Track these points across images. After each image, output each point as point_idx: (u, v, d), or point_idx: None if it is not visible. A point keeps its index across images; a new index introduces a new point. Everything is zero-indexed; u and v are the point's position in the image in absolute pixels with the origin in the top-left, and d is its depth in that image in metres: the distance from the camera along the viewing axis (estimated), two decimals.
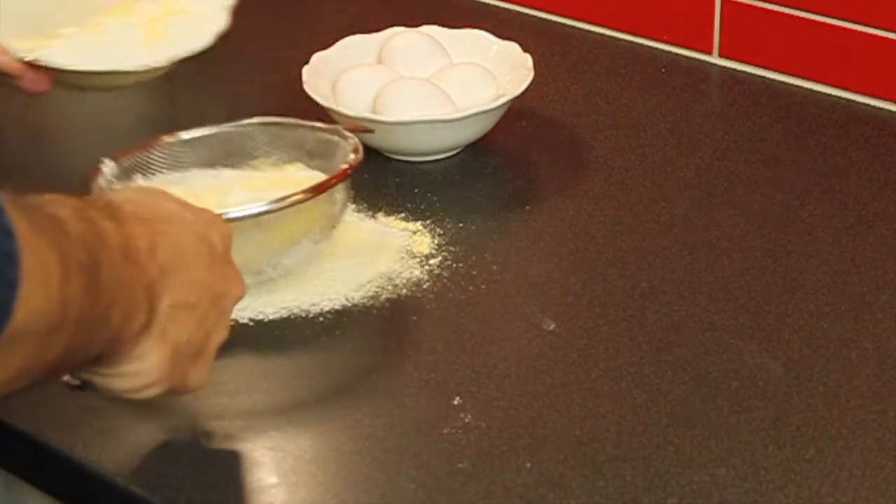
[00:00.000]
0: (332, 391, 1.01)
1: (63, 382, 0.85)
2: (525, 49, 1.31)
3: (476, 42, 1.34)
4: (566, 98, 1.37)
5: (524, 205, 1.21)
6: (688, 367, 1.01)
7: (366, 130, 1.18)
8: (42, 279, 0.72)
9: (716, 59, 1.43)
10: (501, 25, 1.41)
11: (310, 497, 0.92)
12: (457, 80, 1.27)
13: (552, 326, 1.05)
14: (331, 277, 1.09)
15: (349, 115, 1.22)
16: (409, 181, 1.23)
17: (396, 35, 1.33)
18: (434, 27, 1.35)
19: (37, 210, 0.75)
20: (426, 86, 1.26)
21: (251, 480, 0.92)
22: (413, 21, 1.36)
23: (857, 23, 1.33)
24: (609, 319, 1.06)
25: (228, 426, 0.97)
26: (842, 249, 1.14)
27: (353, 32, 1.35)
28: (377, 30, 1.35)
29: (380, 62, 1.32)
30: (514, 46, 1.32)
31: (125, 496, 0.92)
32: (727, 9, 1.40)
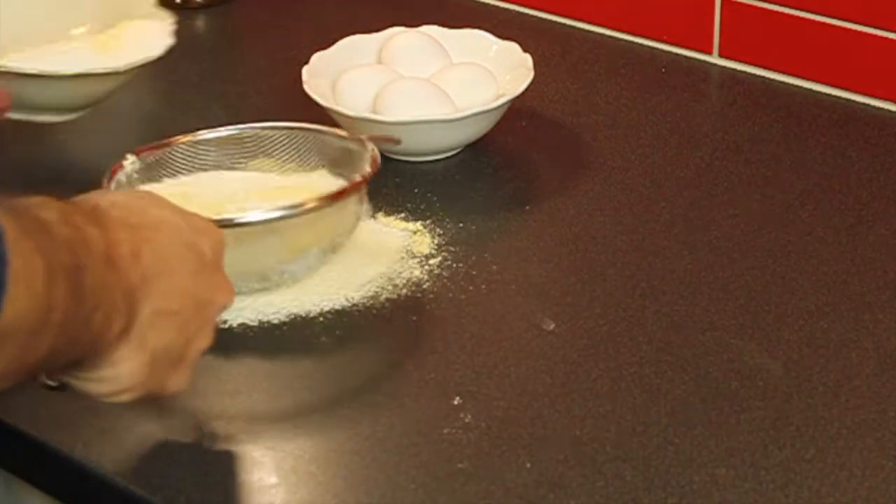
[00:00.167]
0: (332, 391, 1.01)
1: (40, 383, 0.85)
2: (525, 49, 1.31)
3: (476, 42, 1.34)
4: (566, 98, 1.37)
5: (524, 205, 1.21)
6: (688, 367, 1.01)
7: (393, 141, 1.18)
8: (28, 281, 0.72)
9: (716, 59, 1.43)
10: (501, 25, 1.41)
11: (310, 497, 0.92)
12: (457, 80, 1.27)
13: (552, 326, 1.05)
14: (331, 277, 1.09)
15: (349, 115, 1.22)
16: (409, 181, 1.23)
17: (396, 35, 1.33)
18: (434, 27, 1.35)
19: (23, 213, 0.75)
20: (426, 86, 1.26)
21: (251, 480, 0.92)
22: (413, 21, 1.36)
23: (857, 23, 1.33)
24: (609, 319, 1.06)
25: (228, 426, 0.97)
26: (842, 249, 1.14)
27: (353, 32, 1.35)
28: (377, 30, 1.35)
29: (380, 62, 1.32)
30: (514, 46, 1.32)
31: (125, 496, 0.92)
32: (727, 9, 1.40)
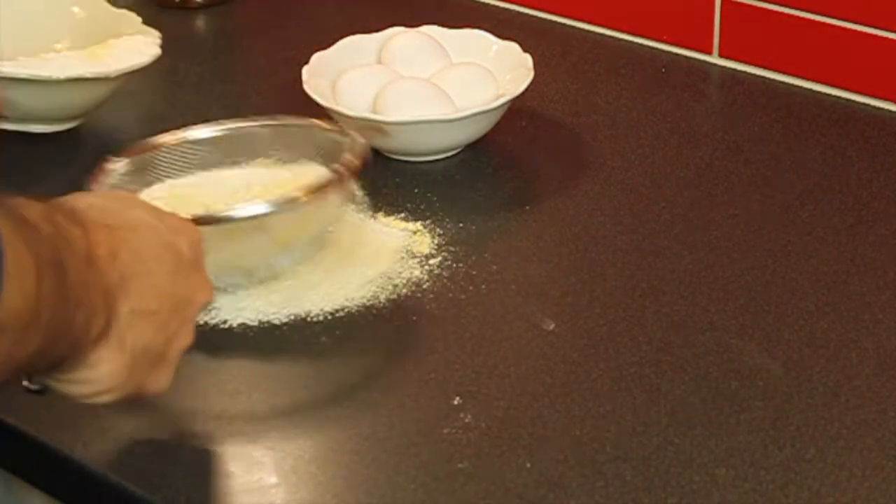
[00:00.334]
0: (332, 391, 1.01)
1: (23, 388, 0.85)
2: (525, 49, 1.31)
3: (476, 42, 1.34)
4: (566, 98, 1.37)
5: (524, 205, 1.21)
6: (688, 367, 1.01)
7: (377, 130, 1.18)
8: (20, 278, 0.72)
9: (716, 59, 1.43)
10: (501, 25, 1.41)
11: (310, 497, 0.92)
12: (457, 80, 1.27)
13: (552, 326, 1.05)
14: (331, 277, 1.09)
15: (349, 115, 1.22)
16: (409, 181, 1.23)
17: (396, 35, 1.33)
18: (434, 27, 1.35)
19: (12, 210, 0.75)
20: (426, 86, 1.26)
21: (251, 480, 0.92)
22: (413, 21, 1.36)
23: (857, 23, 1.33)
24: (609, 319, 1.06)
25: (228, 426, 0.97)
26: (842, 249, 1.14)
27: (353, 32, 1.35)
28: (377, 30, 1.35)
29: (380, 62, 1.32)
30: (514, 46, 1.32)
31: (125, 496, 0.92)
32: (727, 9, 1.40)
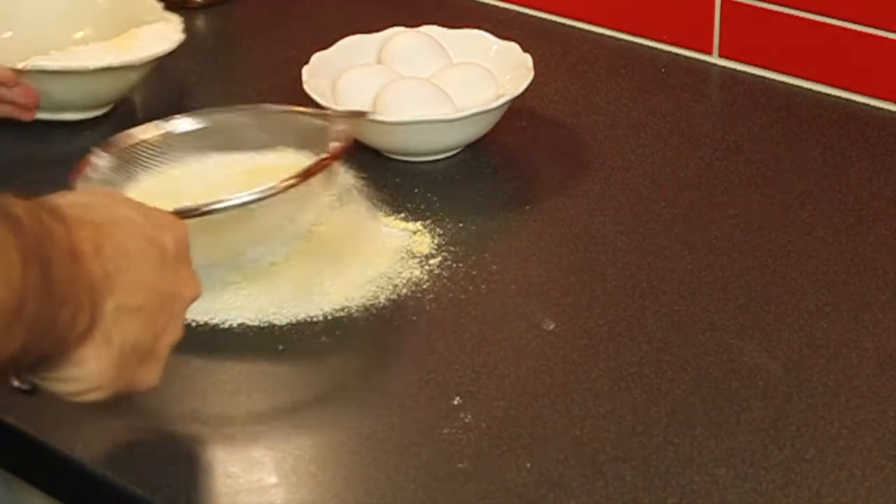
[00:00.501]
0: (332, 391, 1.01)
1: (13, 388, 0.85)
2: (525, 49, 1.31)
3: (476, 42, 1.34)
4: (566, 98, 1.37)
5: (524, 205, 1.21)
6: (688, 367, 1.01)
7: (363, 116, 1.18)
8: (4, 271, 0.72)
9: (716, 59, 1.43)
10: (501, 25, 1.41)
11: (310, 497, 0.92)
12: (457, 80, 1.27)
13: (552, 326, 1.05)
14: (331, 277, 1.09)
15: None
16: (409, 181, 1.23)
17: (396, 35, 1.33)
18: (434, 27, 1.35)
19: None
20: (426, 86, 1.26)
21: (251, 480, 0.92)
22: (413, 21, 1.36)
23: (857, 23, 1.33)
24: (609, 319, 1.06)
25: (228, 426, 0.97)
26: (842, 249, 1.13)
27: (353, 32, 1.35)
28: (377, 30, 1.35)
29: (380, 62, 1.32)
30: (514, 46, 1.32)
31: (125, 496, 0.92)
32: (727, 9, 1.40)
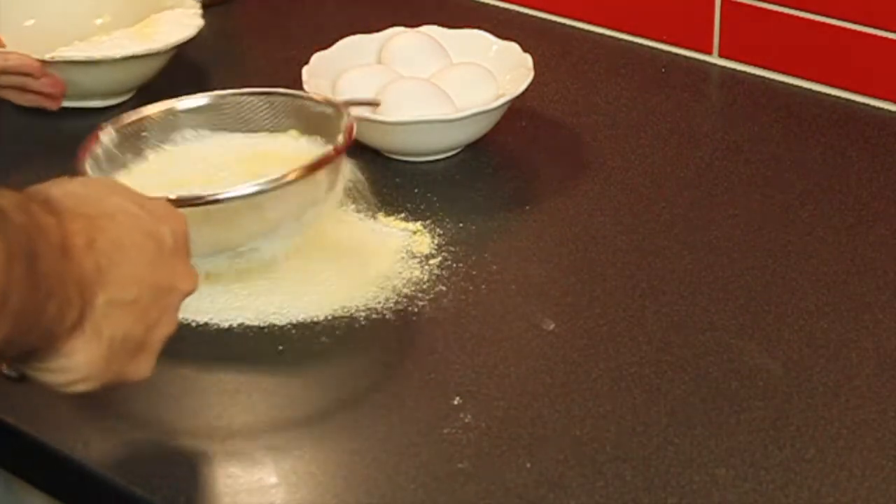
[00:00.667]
0: (332, 391, 1.01)
1: (1, 374, 0.85)
2: (525, 49, 1.31)
3: (476, 42, 1.34)
4: (566, 98, 1.37)
5: (524, 205, 1.21)
6: (688, 367, 1.01)
7: (373, 104, 1.18)
8: None
9: (716, 59, 1.43)
10: (501, 25, 1.41)
11: (310, 497, 0.92)
12: (457, 80, 1.27)
13: (552, 326, 1.05)
14: (331, 277, 1.09)
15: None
16: (409, 181, 1.23)
17: (396, 35, 1.33)
18: (434, 27, 1.35)
19: None
20: (426, 86, 1.26)
21: (251, 480, 0.92)
22: (413, 21, 1.36)
23: (857, 23, 1.33)
24: (609, 319, 1.06)
25: (228, 426, 0.97)
26: (842, 249, 1.14)
27: (353, 32, 1.35)
28: (377, 30, 1.35)
29: (380, 62, 1.32)
30: (514, 46, 1.32)
31: (125, 496, 0.92)
32: (727, 9, 1.40)
